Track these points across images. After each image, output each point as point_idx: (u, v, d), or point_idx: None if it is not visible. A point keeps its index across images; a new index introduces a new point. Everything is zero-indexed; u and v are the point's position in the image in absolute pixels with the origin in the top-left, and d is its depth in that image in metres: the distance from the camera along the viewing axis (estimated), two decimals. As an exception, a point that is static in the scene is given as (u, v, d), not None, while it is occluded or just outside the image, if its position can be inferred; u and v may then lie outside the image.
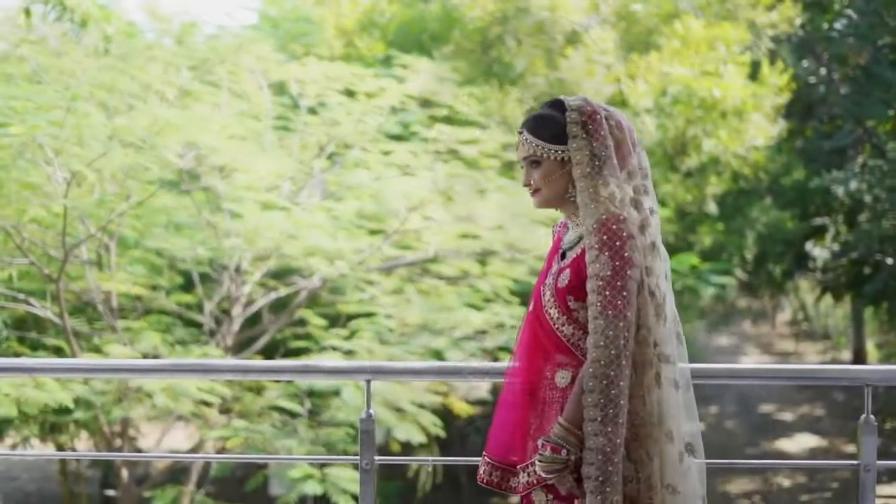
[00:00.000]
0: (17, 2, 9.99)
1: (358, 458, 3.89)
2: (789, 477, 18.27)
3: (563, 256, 3.11)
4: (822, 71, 18.29)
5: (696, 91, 15.22)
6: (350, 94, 12.80)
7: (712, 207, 16.85)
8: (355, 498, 9.03)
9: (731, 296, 18.01)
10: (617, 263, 2.89)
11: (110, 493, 14.96)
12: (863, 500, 3.74)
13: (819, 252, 21.43)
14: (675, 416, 3.03)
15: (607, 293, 2.88)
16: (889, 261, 17.29)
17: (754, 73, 16.50)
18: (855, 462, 3.78)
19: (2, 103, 7.77)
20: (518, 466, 3.11)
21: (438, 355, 10.44)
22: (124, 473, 10.74)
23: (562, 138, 3.04)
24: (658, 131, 15.25)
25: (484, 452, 3.23)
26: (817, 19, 18.28)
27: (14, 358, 7.69)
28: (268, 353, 11.74)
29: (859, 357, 25.70)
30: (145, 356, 9.54)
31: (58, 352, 10.31)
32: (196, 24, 12.54)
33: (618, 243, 2.89)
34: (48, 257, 9.50)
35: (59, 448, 11.69)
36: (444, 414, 11.11)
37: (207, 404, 9.80)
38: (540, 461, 2.93)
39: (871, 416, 3.75)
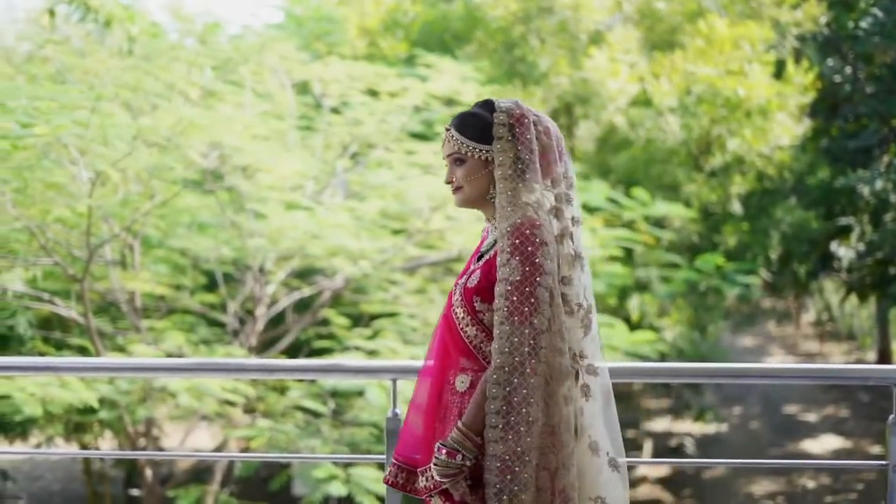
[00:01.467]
0: (41, 3, 10.05)
1: (384, 457, 3.89)
2: (813, 478, 18.18)
3: (481, 258, 3.09)
4: (848, 70, 18.14)
5: (720, 90, 15.15)
6: (373, 93, 12.82)
7: (737, 207, 16.77)
8: (380, 499, 9.03)
9: (756, 296, 17.84)
10: (527, 269, 2.85)
11: (134, 492, 15.03)
12: (891, 502, 3.71)
13: (844, 252, 21.23)
14: (598, 427, 3.00)
15: (514, 298, 2.84)
16: (915, 261, 17.18)
17: (779, 72, 16.40)
18: (883, 462, 3.75)
19: (27, 103, 7.77)
20: (418, 469, 3.10)
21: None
22: (148, 473, 10.78)
23: (487, 138, 3.01)
24: (682, 131, 15.16)
25: (394, 453, 3.22)
26: (842, 17, 18.15)
27: (39, 357, 7.73)
28: (291, 352, 11.77)
29: (884, 358, 25.49)
30: (169, 355, 9.58)
31: (82, 351, 10.36)
32: (219, 24, 12.57)
33: (530, 248, 2.86)
34: (72, 257, 9.53)
35: (83, 448, 11.73)
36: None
37: (231, 404, 9.83)
38: (435, 465, 2.92)
39: (901, 417, 3.72)
